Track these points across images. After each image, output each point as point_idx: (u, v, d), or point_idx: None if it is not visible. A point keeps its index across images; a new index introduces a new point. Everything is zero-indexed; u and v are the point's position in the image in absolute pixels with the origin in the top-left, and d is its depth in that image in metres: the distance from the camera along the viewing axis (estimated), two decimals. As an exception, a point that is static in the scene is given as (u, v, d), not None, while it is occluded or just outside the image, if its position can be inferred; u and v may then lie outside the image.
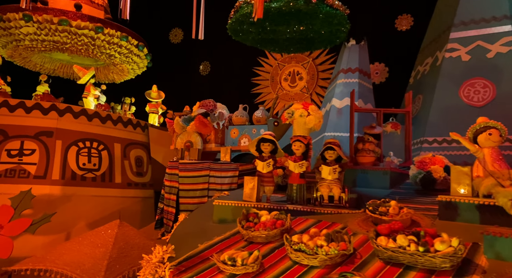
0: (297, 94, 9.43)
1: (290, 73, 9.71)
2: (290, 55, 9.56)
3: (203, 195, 4.96)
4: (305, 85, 9.36)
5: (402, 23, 7.94)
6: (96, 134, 5.64)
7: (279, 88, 9.75)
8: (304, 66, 9.45)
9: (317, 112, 3.33)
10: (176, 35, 11.53)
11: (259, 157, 3.39)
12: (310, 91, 9.27)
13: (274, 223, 2.65)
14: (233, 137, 5.55)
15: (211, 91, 10.46)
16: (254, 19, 2.86)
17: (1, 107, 5.08)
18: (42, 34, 6.20)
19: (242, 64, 9.90)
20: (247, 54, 9.87)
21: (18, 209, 4.03)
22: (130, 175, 5.95)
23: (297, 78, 9.63)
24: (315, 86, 9.25)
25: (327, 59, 9.06)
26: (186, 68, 11.02)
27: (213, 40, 10.49)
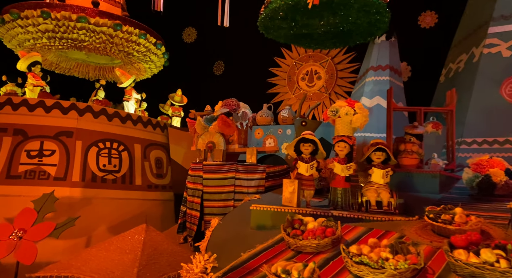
0: (315, 94, 9.20)
1: (308, 73, 9.49)
2: (308, 54, 9.34)
3: (229, 198, 4.75)
4: (323, 84, 9.13)
5: (426, 20, 7.67)
6: (116, 135, 5.47)
7: (296, 88, 9.53)
8: (322, 65, 9.22)
9: (364, 110, 3.11)
10: (189, 34, 11.38)
11: (300, 158, 3.18)
12: (328, 91, 9.03)
13: (324, 231, 2.44)
14: (258, 138, 5.34)
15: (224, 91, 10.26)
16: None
17: (20, 107, 4.94)
18: (60, 31, 6.06)
19: (257, 64, 9.70)
20: (263, 54, 9.67)
21: (41, 212, 3.86)
22: (150, 176, 5.77)
23: (315, 77, 9.40)
24: (334, 86, 9.01)
25: (346, 57, 8.83)
26: (199, 68, 10.85)
27: (227, 40, 10.34)
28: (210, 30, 10.79)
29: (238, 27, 9.85)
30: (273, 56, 9.60)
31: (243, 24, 9.65)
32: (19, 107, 4.93)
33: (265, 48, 9.53)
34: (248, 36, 9.69)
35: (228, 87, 10.29)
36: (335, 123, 3.25)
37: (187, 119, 6.08)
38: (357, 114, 3.11)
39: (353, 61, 8.50)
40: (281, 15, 3.94)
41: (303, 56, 9.41)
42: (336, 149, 3.13)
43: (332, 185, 3.13)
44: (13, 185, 4.60)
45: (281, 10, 3.86)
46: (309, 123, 4.97)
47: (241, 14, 9.79)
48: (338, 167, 3.04)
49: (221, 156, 5.05)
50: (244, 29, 9.66)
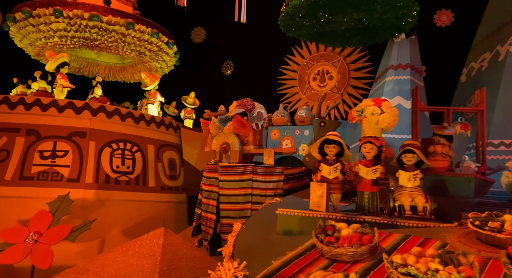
0: (327, 95, 9.05)
1: (319, 73, 9.34)
2: (319, 54, 9.19)
3: (246, 201, 4.62)
4: (335, 84, 8.98)
5: (442, 19, 7.50)
6: (130, 135, 5.36)
7: (307, 88, 9.39)
8: (334, 65, 9.07)
9: (392, 109, 2.97)
10: (198, 34, 11.28)
11: (323, 160, 3.04)
12: (341, 91, 8.88)
13: (360, 238, 2.30)
14: (274, 139, 5.20)
15: (234, 91, 10.16)
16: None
17: (33, 106, 4.84)
18: (72, 30, 5.97)
19: (267, 64, 9.57)
20: (273, 53, 9.54)
21: (56, 214, 3.75)
22: (164, 178, 5.66)
23: (326, 77, 9.25)
24: (346, 86, 8.85)
25: (359, 57, 8.67)
26: (208, 68, 10.74)
27: (236, 39, 10.22)
28: (219, 30, 10.69)
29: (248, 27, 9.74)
30: (284, 56, 9.47)
31: (253, 24, 9.55)
32: (32, 107, 4.83)
33: (275, 48, 9.40)
34: (258, 36, 9.57)
35: (237, 88, 10.17)
36: (362, 124, 3.11)
37: (200, 119, 5.96)
38: (384, 114, 2.96)
39: (366, 61, 8.35)
40: (302, 12, 3.80)
41: (314, 56, 9.26)
42: (362, 151, 2.99)
43: (358, 189, 2.99)
44: (26, 187, 4.51)
45: (301, 7, 3.72)
46: (328, 123, 4.84)
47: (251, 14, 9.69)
48: (363, 169, 2.90)
49: (237, 157, 4.92)
50: (254, 29, 9.54)
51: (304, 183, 4.69)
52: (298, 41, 9.24)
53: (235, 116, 5.25)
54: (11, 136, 4.65)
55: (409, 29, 4.02)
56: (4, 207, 4.36)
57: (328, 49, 9.10)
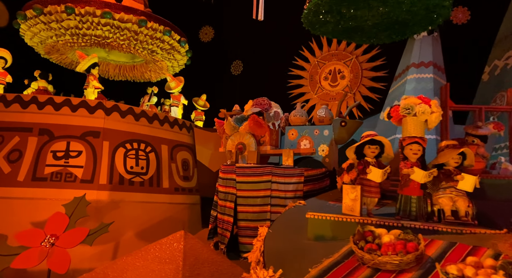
0: (338, 94, 8.89)
1: (331, 72, 9.18)
2: (331, 53, 9.04)
3: (265, 203, 4.47)
4: (347, 84, 8.82)
5: (458, 17, 7.32)
6: (144, 135, 5.23)
7: (318, 87, 9.23)
8: (346, 64, 8.91)
9: (439, 109, 2.81)
10: (206, 33, 11.16)
11: (364, 161, 2.88)
12: (353, 91, 8.72)
13: (405, 246, 2.14)
14: (292, 139, 5.05)
15: (243, 91, 10.01)
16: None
17: (46, 105, 4.72)
18: (83, 27, 5.85)
19: (277, 63, 9.42)
20: (283, 53, 9.39)
21: (73, 217, 3.63)
22: (177, 179, 5.52)
23: (338, 77, 9.09)
24: (359, 85, 8.69)
25: (372, 56, 8.51)
26: (216, 68, 10.61)
27: (246, 39, 10.07)
28: (228, 29, 10.55)
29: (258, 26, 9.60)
30: (294, 55, 9.32)
31: (263, 23, 9.41)
32: (45, 106, 4.71)
33: (286, 47, 9.26)
34: (267, 35, 9.43)
35: (246, 88, 10.03)
36: (404, 123, 2.93)
37: (215, 119, 5.83)
38: (435, 113, 2.81)
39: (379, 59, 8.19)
40: (325, 8, 3.65)
41: (326, 55, 9.11)
42: (407, 152, 2.81)
43: (404, 193, 2.80)
44: (39, 188, 4.39)
45: (324, 3, 3.58)
46: (349, 123, 4.68)
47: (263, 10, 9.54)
48: (419, 173, 2.68)
49: (255, 157, 4.78)
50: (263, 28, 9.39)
51: (324, 185, 4.54)
52: (309, 39, 9.10)
53: (251, 116, 5.11)
54: (23, 136, 4.54)
55: (443, 21, 3.82)
56: (17, 208, 4.24)
57: (340, 48, 8.95)
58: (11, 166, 4.40)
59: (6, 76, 5.77)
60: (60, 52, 6.80)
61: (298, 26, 10.15)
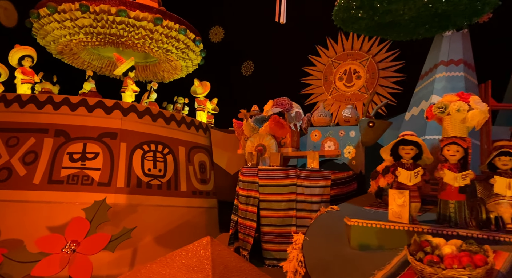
0: (354, 95, 8.68)
1: (346, 72, 8.99)
2: (346, 52, 8.85)
3: (290, 208, 4.29)
4: (363, 84, 8.62)
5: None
6: (161, 136, 5.06)
7: (333, 88, 9.04)
8: (362, 64, 8.71)
9: (482, 105, 2.62)
10: (216, 33, 11.00)
11: (398, 163, 2.70)
12: (369, 91, 8.52)
13: (471, 258, 1.95)
14: (315, 141, 4.87)
15: (254, 92, 9.84)
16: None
17: (61, 106, 4.56)
18: (98, 26, 5.70)
19: (289, 63, 9.24)
20: (296, 53, 9.21)
21: (94, 222, 3.46)
22: (195, 182, 5.34)
23: (354, 77, 8.90)
24: (375, 86, 8.49)
25: (389, 55, 8.31)
26: (227, 69, 10.44)
27: (257, 39, 9.90)
28: (239, 29, 10.39)
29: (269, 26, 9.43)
30: (308, 55, 9.15)
31: (276, 23, 9.25)
32: (61, 106, 4.56)
33: (299, 47, 9.08)
34: (279, 34, 9.25)
35: (257, 88, 9.85)
36: (443, 123, 2.76)
37: (233, 120, 5.66)
38: (473, 110, 2.62)
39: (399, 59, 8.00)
40: (356, 3, 3.46)
41: (340, 55, 8.92)
42: (445, 153, 2.64)
43: (441, 197, 2.63)
44: (55, 191, 4.22)
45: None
46: (377, 124, 4.49)
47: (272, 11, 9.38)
48: (449, 175, 2.55)
49: (278, 160, 4.59)
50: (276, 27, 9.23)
51: (352, 189, 4.35)
52: (323, 39, 8.92)
53: (272, 116, 4.94)
54: (39, 137, 4.38)
55: (487, 11, 3.56)
56: (32, 212, 4.07)
57: (355, 47, 8.76)
58: (27, 168, 4.24)
59: (34, 75, 5.62)
60: (73, 52, 6.66)
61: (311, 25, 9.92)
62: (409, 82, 7.88)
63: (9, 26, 8.27)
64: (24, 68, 5.27)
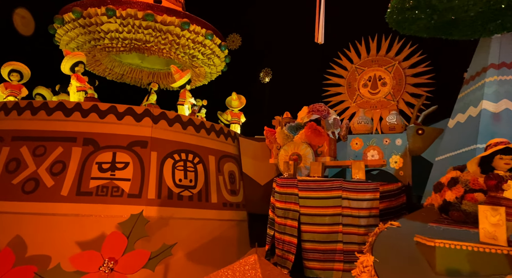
0: (379, 102, 8.34)
1: (371, 79, 8.69)
2: (370, 58, 8.57)
3: (335, 222, 3.97)
4: (390, 91, 8.32)
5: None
6: (191, 145, 4.80)
7: (357, 95, 8.74)
8: (388, 70, 8.42)
9: None
10: (233, 41, 10.80)
11: (496, 176, 2.38)
12: (396, 99, 8.21)
13: None
14: (356, 150, 4.57)
15: (272, 99, 9.61)
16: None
17: (90, 113, 4.33)
18: (124, 31, 5.52)
19: (310, 70, 9.00)
20: (316, 59, 8.98)
21: (131, 237, 3.18)
22: (225, 193, 5.06)
23: (379, 83, 8.58)
24: (402, 93, 8.17)
25: (418, 61, 8.03)
26: (244, 76, 10.22)
27: (275, 45, 9.71)
28: (256, 36, 10.22)
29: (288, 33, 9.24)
30: (329, 61, 8.90)
31: (294, 28, 9.04)
32: (89, 114, 4.33)
33: (319, 53, 8.83)
34: (299, 41, 9.05)
35: (276, 96, 9.62)
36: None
37: (265, 127, 5.39)
38: None
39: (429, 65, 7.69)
40: (411, 3, 3.20)
41: (365, 61, 8.63)
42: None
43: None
44: (84, 203, 3.96)
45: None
46: (427, 131, 4.18)
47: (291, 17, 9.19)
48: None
49: (319, 170, 4.29)
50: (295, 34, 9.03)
51: (401, 202, 4.01)
52: (345, 45, 8.68)
53: (309, 124, 4.66)
54: (67, 146, 4.14)
55: None
56: (61, 226, 3.80)
57: (380, 54, 8.49)
58: (54, 179, 3.99)
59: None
60: (96, 58, 6.48)
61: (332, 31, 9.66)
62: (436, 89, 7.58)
63: (26, 34, 8.18)
64: (79, 75, 5.09)
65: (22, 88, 5.35)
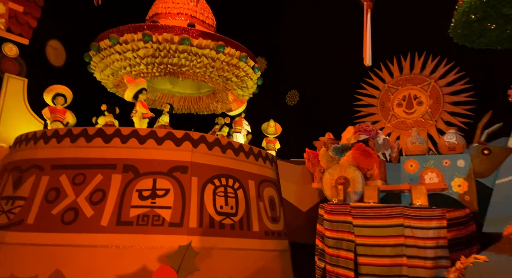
0: (416, 122, 8.01)
1: (405, 98, 8.39)
2: (404, 77, 8.31)
3: (397, 254, 3.57)
4: (427, 111, 7.96)
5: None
6: (231, 169, 4.57)
7: (391, 115, 8.42)
8: (424, 89, 8.11)
9: None
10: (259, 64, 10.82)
11: None
12: (435, 118, 7.84)
13: None
14: (411, 172, 4.20)
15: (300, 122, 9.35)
16: None
17: (130, 139, 4.19)
18: (160, 56, 5.49)
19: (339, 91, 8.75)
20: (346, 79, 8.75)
21: (181, 272, 2.91)
22: (266, 221, 4.74)
23: (414, 103, 8.27)
24: (441, 112, 7.81)
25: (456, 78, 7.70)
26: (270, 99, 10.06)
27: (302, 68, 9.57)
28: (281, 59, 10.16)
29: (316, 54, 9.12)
30: (360, 82, 8.66)
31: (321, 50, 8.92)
32: (129, 139, 4.18)
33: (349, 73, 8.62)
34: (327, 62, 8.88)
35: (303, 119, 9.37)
36: None
37: (306, 149, 5.12)
38: None
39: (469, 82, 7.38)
40: (478, 15, 2.98)
41: (398, 80, 8.38)
42: None
43: None
44: (124, 233, 3.73)
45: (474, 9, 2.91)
46: (494, 151, 3.80)
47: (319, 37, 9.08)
48: None
49: (375, 195, 3.95)
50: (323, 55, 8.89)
51: (471, 231, 3.59)
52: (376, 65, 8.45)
53: (357, 145, 4.36)
54: (107, 173, 3.98)
55: None
56: (101, 258, 3.57)
57: (414, 72, 8.23)
58: (94, 208, 3.80)
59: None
60: (129, 84, 6.46)
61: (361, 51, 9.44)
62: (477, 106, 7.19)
63: (57, 65, 8.39)
64: (143, 102, 5.05)
65: (67, 112, 5.30)
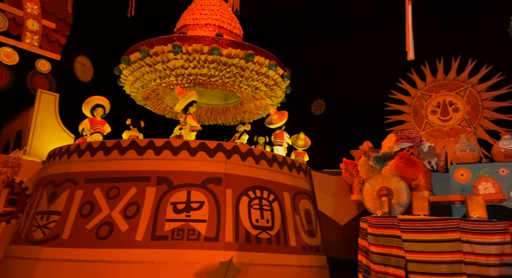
0: (453, 129, 7.59)
1: (440, 104, 8.00)
2: (438, 83, 7.95)
3: (455, 272, 3.24)
4: (464, 117, 7.54)
5: None
6: (265, 181, 4.38)
7: (426, 123, 8.03)
8: (460, 95, 7.71)
9: None
10: (284, 73, 10.66)
11: None
12: (473, 125, 7.40)
13: None
14: (462, 182, 3.88)
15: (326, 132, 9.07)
16: None
17: (163, 150, 4.09)
18: (190, 66, 5.44)
19: (367, 99, 8.46)
20: (374, 87, 8.45)
21: (223, 292, 2.72)
22: (303, 235, 4.49)
23: (450, 109, 7.87)
24: (479, 119, 7.38)
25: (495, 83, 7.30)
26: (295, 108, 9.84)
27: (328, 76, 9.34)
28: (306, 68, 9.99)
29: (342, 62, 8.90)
30: (390, 88, 8.36)
31: (348, 57, 8.69)
32: (162, 151, 4.09)
33: (378, 80, 8.35)
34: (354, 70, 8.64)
35: (330, 128, 9.08)
36: None
37: (343, 159, 4.88)
38: None
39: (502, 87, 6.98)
40: None
41: (432, 86, 8.03)
42: None
43: None
44: (159, 248, 3.59)
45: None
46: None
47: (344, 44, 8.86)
48: None
49: (426, 207, 3.65)
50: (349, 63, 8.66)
51: (538, 245, 3.22)
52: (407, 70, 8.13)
53: (401, 153, 4.09)
54: (141, 186, 3.88)
55: None
56: (137, 275, 3.43)
57: (448, 77, 7.85)
58: (128, 222, 3.69)
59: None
60: (158, 97, 6.47)
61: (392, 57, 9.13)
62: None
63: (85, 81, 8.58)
64: (193, 115, 5.07)
65: (106, 124, 5.27)
